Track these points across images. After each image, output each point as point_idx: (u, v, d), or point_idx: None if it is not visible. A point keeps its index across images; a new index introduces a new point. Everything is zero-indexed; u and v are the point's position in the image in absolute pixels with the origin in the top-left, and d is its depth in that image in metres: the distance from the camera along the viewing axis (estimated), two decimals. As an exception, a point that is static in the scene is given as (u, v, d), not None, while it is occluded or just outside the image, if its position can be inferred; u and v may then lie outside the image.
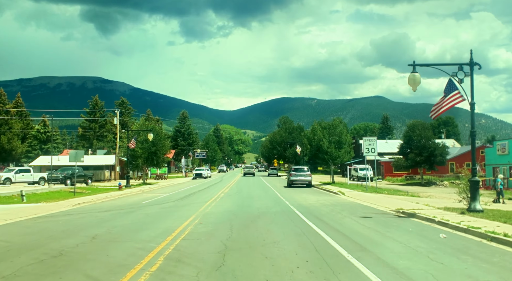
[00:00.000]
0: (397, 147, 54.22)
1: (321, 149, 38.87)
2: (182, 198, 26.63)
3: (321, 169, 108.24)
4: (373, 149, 30.36)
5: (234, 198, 25.92)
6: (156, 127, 44.77)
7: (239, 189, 35.76)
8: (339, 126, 39.43)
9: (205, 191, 34.09)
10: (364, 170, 58.22)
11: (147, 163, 44.12)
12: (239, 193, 30.64)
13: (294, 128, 74.86)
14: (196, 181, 55.80)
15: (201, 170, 66.98)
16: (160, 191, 35.37)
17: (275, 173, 75.27)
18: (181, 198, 26.58)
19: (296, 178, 37.07)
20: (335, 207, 19.58)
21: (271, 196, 27.18)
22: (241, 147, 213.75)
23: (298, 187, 37.44)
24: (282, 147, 74.65)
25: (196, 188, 38.85)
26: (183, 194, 30.07)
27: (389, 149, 77.05)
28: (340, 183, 41.75)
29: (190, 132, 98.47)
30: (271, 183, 46.50)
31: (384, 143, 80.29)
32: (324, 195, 27.83)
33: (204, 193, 31.50)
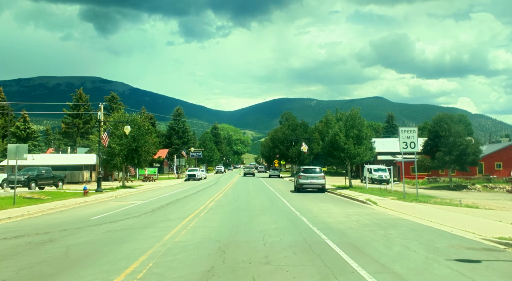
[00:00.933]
0: (421, 144, 46.80)
1: (336, 145, 31.35)
2: (154, 209, 19.07)
3: (325, 169, 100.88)
4: (413, 143, 22.85)
5: (227, 210, 18.38)
6: (137, 119, 37.20)
7: (236, 195, 28.23)
8: (359, 117, 31.87)
9: (192, 197, 26.56)
10: (380, 171, 51.00)
11: (126, 162, 36.65)
12: (234, 201, 23.10)
13: (298, 125, 67.38)
14: (188, 183, 48.29)
15: (195, 170, 59.47)
16: (136, 197, 27.83)
17: (276, 174, 67.73)
18: (153, 209, 19.01)
19: (307, 181, 29.61)
20: (386, 231, 12.04)
21: (278, 207, 19.63)
22: (240, 147, 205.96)
23: (309, 192, 29.97)
24: (285, 146, 67.11)
25: (183, 192, 31.34)
26: (161, 203, 22.54)
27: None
28: (358, 186, 34.23)
29: (185, 130, 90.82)
30: (274, 186, 38.96)
31: (396, 141, 72.84)
32: (351, 206, 20.31)
33: (190, 200, 23.98)
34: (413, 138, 22.72)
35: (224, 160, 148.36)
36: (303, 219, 14.72)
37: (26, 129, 69.99)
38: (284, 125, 69.27)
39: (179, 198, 25.56)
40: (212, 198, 25.24)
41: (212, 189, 36.12)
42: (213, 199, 24.47)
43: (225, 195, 27.46)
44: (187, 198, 25.56)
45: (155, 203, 22.34)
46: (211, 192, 31.60)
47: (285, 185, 43.45)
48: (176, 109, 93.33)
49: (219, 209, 18.43)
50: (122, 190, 33.50)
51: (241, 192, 31.11)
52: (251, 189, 34.71)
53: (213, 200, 23.79)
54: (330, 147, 32.13)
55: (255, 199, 24.07)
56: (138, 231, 12.43)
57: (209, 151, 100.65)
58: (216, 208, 18.89)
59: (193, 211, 17.64)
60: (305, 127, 68.94)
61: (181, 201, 23.76)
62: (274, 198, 24.92)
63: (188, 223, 13.79)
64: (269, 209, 18.48)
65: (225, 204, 20.93)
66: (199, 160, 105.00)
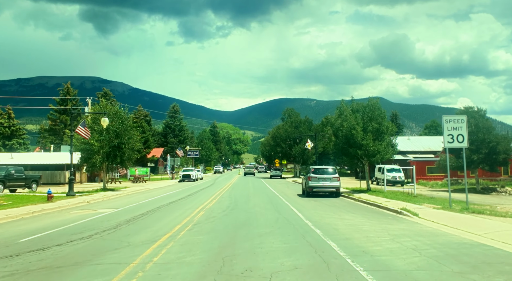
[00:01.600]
0: (441, 141, 41.69)
1: (352, 141, 26.19)
2: (121, 223, 13.92)
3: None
4: (461, 136, 17.63)
5: (218, 226, 13.22)
6: (120, 111, 31.96)
7: (233, 200, 23.08)
8: (378, 108, 26.69)
9: (179, 203, 21.42)
10: (393, 171, 45.81)
11: (108, 161, 31.49)
12: (230, 210, 17.97)
13: (301, 122, 62.14)
14: (181, 185, 43.14)
15: (190, 170, 54.30)
16: (112, 203, 22.68)
17: (278, 175, 62.54)
18: (119, 224, 13.86)
19: (318, 183, 24.51)
20: (485, 275, 6.86)
21: (289, 221, 14.47)
22: (239, 146, 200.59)
23: (321, 196, 24.84)
24: (287, 144, 61.89)
25: (170, 197, 26.20)
26: (136, 212, 17.40)
27: (412, 147, 64.60)
28: (376, 190, 29.08)
29: (181, 128, 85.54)
30: (277, 189, 33.82)
31: (406, 140, 67.77)
32: (384, 218, 15.17)
33: (174, 209, 18.84)
34: (461, 129, 17.54)
35: (223, 159, 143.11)
36: (332, 245, 9.59)
37: (10, 126, 64.85)
38: (287, 122, 64.06)
39: (163, 205, 20.41)
40: (203, 204, 20.09)
41: (206, 191, 30.98)
42: (204, 206, 19.32)
43: (220, 201, 22.30)
44: (172, 205, 20.41)
45: (129, 213, 17.20)
46: (204, 196, 26.45)
47: (290, 187, 38.32)
48: (172, 106, 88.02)
49: (208, 225, 13.27)
50: (101, 194, 28.34)
51: (240, 196, 25.95)
52: (251, 192, 29.57)
53: (203, 208, 18.64)
54: (344, 143, 26.95)
55: (257, 207, 18.90)
56: (57, 276, 7.26)
57: (207, 150, 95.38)
58: (205, 223, 13.74)
59: (171, 228, 12.50)
60: (309, 124, 63.76)
61: (163, 209, 18.61)
62: (281, 206, 19.77)
63: (153, 255, 8.65)
64: (277, 225, 13.32)
65: (218, 215, 15.78)
66: (197, 159, 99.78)
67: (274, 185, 41.75)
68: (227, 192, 30.22)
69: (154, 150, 76.03)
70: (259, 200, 22.75)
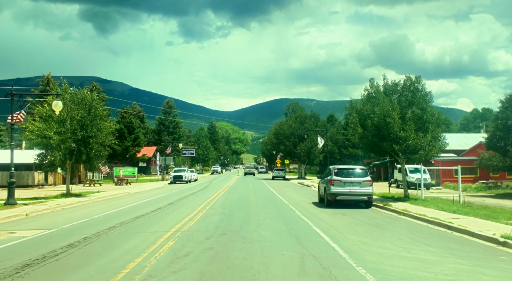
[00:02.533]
0: (483, 137, 35.18)
1: (385, 132, 19.39)
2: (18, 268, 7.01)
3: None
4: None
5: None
6: (88, 96, 24.98)
7: (226, 216, 16.21)
8: (422, 89, 19.85)
9: (141, 223, 14.54)
10: (417, 172, 39.02)
11: (71, 159, 24.66)
12: (220, 236, 11.17)
13: (307, 117, 55.27)
14: (169, 188, 36.39)
15: (181, 171, 47.47)
16: (52, 219, 15.85)
17: (281, 176, 55.66)
18: (13, 270, 6.97)
19: (344, 188, 17.80)
20: None
21: (331, 272, 7.51)
22: (239, 146, 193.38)
23: (346, 207, 18.08)
24: (292, 141, 54.99)
25: (142, 207, 19.38)
26: (71, 238, 10.56)
27: (429, 144, 57.79)
28: (412, 196, 22.22)
29: (176, 125, 78.60)
30: (285, 194, 27.00)
31: (422, 138, 60.98)
32: (484, 257, 8.37)
33: (134, 232, 11.98)
34: None
35: (221, 159, 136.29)
36: None
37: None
38: (291, 117, 57.10)
39: (122, 223, 13.59)
40: (180, 223, 13.26)
41: (195, 198, 24.18)
42: (180, 226, 12.46)
43: (206, 216, 15.46)
44: (134, 224, 13.58)
45: (56, 240, 10.43)
46: (190, 205, 19.65)
47: (298, 191, 31.50)
48: (166, 101, 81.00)
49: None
50: (58, 201, 21.53)
51: (237, 206, 19.10)
52: (252, 200, 22.73)
53: (178, 230, 11.81)
54: (374, 135, 20.13)
55: (263, 230, 12.01)
56: None
57: (204, 149, 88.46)
58: (168, 277, 6.93)
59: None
60: (316, 119, 56.90)
61: (117, 232, 11.79)
62: (299, 226, 12.92)
63: None
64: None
65: (194, 252, 8.93)
66: (193, 159, 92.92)
67: (279, 188, 34.93)
68: (221, 198, 23.39)
69: (145, 148, 69.23)
70: (265, 214, 15.90)
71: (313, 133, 52.96)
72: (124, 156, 59.87)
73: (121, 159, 60.55)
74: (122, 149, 59.23)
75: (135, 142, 60.62)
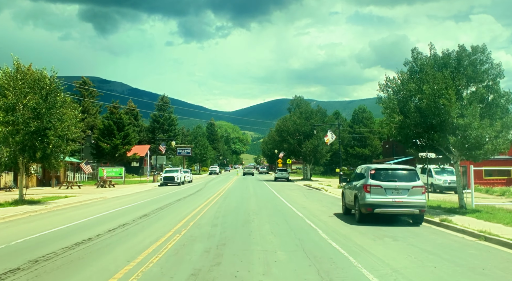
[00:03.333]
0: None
1: (436, 120, 14.01)
2: None
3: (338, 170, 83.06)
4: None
5: None
6: (46, 78, 19.53)
7: (216, 242, 10.79)
8: (487, 60, 14.46)
9: (100, 247, 9.06)
10: (445, 173, 33.72)
11: (25, 155, 19.27)
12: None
13: (313, 113, 49.77)
14: (157, 191, 31.02)
15: (173, 171, 41.99)
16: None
17: (284, 177, 50.20)
18: None
19: (386, 198, 12.42)
20: None
21: None
22: (238, 146, 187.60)
23: (387, 223, 12.69)
24: (296, 139, 49.49)
25: (106, 221, 13.99)
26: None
27: (447, 143, 52.34)
28: (472, 208, 16.75)
29: (171, 122, 73.06)
30: (294, 202, 21.53)
31: (438, 135, 55.54)
32: None
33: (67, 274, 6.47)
34: None
35: (220, 159, 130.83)
36: None
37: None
38: (295, 113, 51.53)
39: (49, 255, 8.14)
40: (136, 260, 7.81)
41: (181, 206, 18.77)
42: (127, 274, 7.02)
43: (186, 242, 10.00)
44: (51, 265, 8.12)
45: None
46: (169, 220, 14.22)
47: (308, 195, 26.05)
48: (161, 97, 75.44)
49: None
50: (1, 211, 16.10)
51: (232, 223, 13.62)
52: (253, 211, 17.25)
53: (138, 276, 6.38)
54: (418, 123, 14.73)
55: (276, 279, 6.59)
56: None
57: (201, 148, 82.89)
58: None
59: None
60: (323, 115, 51.36)
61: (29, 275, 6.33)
62: (337, 269, 7.45)
63: None
64: None
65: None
66: (191, 158, 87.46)
67: (284, 192, 29.50)
68: (214, 207, 17.93)
69: (137, 147, 63.77)
70: (273, 238, 10.41)
71: (319, 130, 47.50)
72: (113, 155, 54.39)
73: (110, 158, 55.09)
74: (110, 147, 53.78)
75: (125, 140, 55.12)
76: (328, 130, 35.45)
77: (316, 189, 32.23)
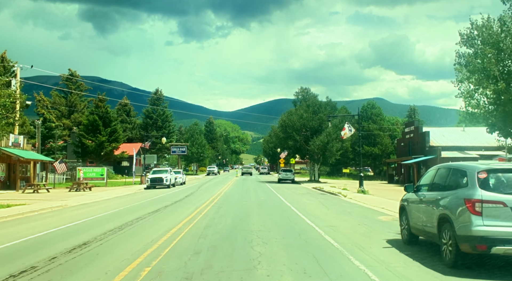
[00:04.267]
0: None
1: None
2: None
3: (348, 171, 76.81)
4: None
5: None
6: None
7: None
8: None
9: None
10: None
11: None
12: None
13: (322, 105, 43.66)
14: (139, 197, 25.13)
15: (162, 172, 35.97)
16: None
17: (290, 178, 44.16)
18: None
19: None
20: None
21: None
22: (238, 145, 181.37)
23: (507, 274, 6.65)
24: (303, 135, 43.50)
25: (17, 256, 7.85)
26: None
27: (472, 141, 46.42)
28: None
29: (165, 118, 67.03)
30: (315, 216, 15.48)
31: (460, 132, 49.65)
32: None
33: None
34: None
35: (219, 159, 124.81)
36: None
37: None
38: (302, 106, 45.43)
39: None
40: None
41: (154, 223, 12.82)
42: None
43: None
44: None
45: None
46: (123, 253, 8.21)
47: (328, 204, 20.03)
48: (154, 91, 69.43)
49: None
50: None
51: (224, 262, 7.63)
52: (257, 234, 11.27)
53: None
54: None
55: None
56: None
57: (198, 146, 76.81)
58: None
59: None
60: (332, 108, 45.29)
61: None
62: None
63: None
64: None
65: None
66: (187, 158, 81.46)
67: (294, 198, 23.53)
68: (199, 226, 11.92)
69: (128, 145, 57.83)
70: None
71: (329, 125, 41.56)
72: (98, 154, 48.52)
73: (95, 157, 49.20)
74: (95, 144, 47.94)
75: (112, 136, 49.25)
76: (345, 122, 29.47)
77: (332, 194, 26.26)
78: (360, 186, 26.59)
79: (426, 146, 44.68)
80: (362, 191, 25.82)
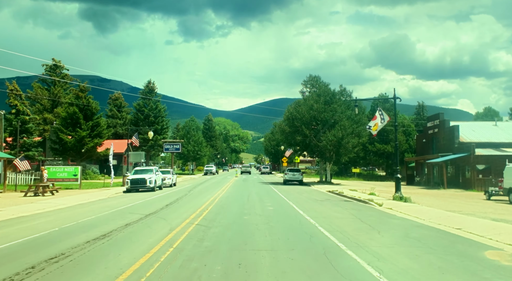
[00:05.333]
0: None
1: None
2: None
3: (358, 171, 70.15)
4: None
5: None
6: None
7: None
8: None
9: None
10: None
11: None
12: None
13: (335, 95, 37.06)
14: (110, 204, 18.63)
15: (144, 172, 29.35)
16: None
17: (297, 179, 37.54)
18: None
19: None
20: None
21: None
22: (238, 144, 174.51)
23: None
24: (313, 130, 36.90)
25: None
26: None
27: (507, 137, 39.90)
28: None
29: (158, 113, 60.36)
30: (365, 248, 8.88)
31: (492, 126, 43.04)
32: None
33: None
34: None
35: (218, 158, 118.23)
36: None
37: None
38: (312, 96, 38.75)
39: None
40: None
41: (91, 262, 6.15)
42: None
43: None
44: None
45: None
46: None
47: (367, 220, 13.46)
48: (146, 83, 62.78)
49: None
50: None
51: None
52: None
53: None
54: None
55: None
56: None
57: (194, 144, 70.15)
58: None
59: None
60: (348, 97, 38.59)
61: None
62: None
63: None
64: None
65: None
66: (183, 156, 74.83)
67: (315, 208, 17.04)
68: (168, 273, 5.38)
69: (116, 141, 51.21)
70: None
71: (344, 117, 35.00)
72: (78, 151, 41.98)
73: (75, 154, 42.67)
74: (75, 140, 41.38)
75: (95, 131, 42.70)
76: (377, 109, 22.88)
77: (361, 202, 19.73)
78: (397, 191, 20.07)
79: (455, 142, 38.17)
80: (400, 197, 19.35)
